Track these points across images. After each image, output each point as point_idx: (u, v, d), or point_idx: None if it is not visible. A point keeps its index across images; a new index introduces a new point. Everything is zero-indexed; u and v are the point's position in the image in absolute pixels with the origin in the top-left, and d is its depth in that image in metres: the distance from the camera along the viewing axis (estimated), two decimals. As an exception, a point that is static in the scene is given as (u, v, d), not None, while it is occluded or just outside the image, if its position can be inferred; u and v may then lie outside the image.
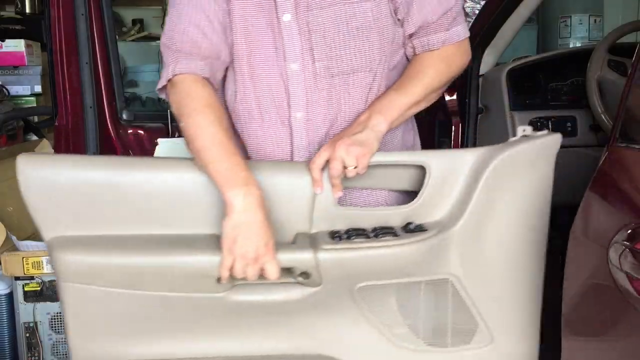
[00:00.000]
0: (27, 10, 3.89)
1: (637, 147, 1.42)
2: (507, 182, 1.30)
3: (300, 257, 1.26)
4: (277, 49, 1.34)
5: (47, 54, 2.09)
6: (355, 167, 1.27)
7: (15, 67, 3.36)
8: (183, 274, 1.29)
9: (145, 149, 2.05)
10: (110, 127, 2.05)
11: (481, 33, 2.32)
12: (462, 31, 1.43)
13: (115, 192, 1.30)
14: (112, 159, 1.42)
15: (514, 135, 2.30)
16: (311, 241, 1.28)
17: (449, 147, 2.42)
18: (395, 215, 1.33)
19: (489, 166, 1.28)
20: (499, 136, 2.34)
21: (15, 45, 3.33)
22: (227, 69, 1.41)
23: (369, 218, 1.33)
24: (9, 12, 4.05)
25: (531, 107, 2.35)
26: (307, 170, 1.31)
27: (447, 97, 2.44)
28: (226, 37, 1.36)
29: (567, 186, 2.21)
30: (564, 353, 1.53)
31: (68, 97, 2.02)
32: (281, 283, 1.30)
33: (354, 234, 1.28)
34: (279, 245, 1.26)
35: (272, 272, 1.24)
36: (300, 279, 1.30)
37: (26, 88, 3.38)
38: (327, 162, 1.29)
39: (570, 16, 4.38)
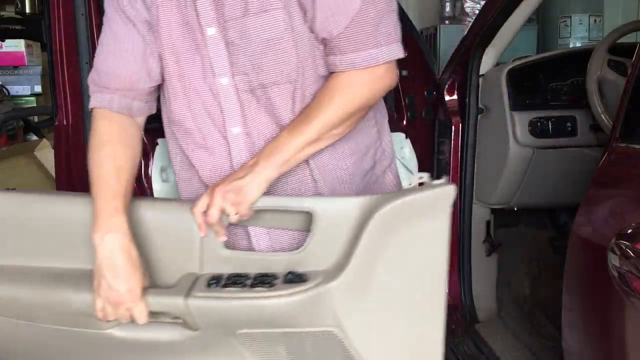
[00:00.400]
0: (27, 10, 3.90)
1: (637, 147, 1.42)
2: (395, 233, 1.21)
3: (171, 303, 1.26)
4: (205, 65, 1.31)
5: (47, 54, 2.09)
6: (237, 213, 1.24)
7: (15, 67, 3.36)
8: (67, 310, 1.32)
9: (144, 150, 2.05)
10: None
11: (481, 33, 2.32)
12: (380, 54, 1.25)
13: (20, 225, 1.37)
14: (18, 195, 1.45)
15: (514, 135, 2.32)
16: (190, 285, 1.27)
17: (448, 147, 2.42)
18: (283, 262, 1.28)
19: (375, 215, 1.19)
20: (499, 136, 2.35)
21: (15, 45, 3.33)
22: (162, 88, 1.40)
23: (256, 263, 1.30)
24: (9, 12, 4.05)
25: (531, 107, 2.35)
26: None
27: (447, 97, 2.44)
28: (147, 64, 1.34)
29: (567, 186, 2.22)
30: (564, 353, 1.53)
31: (68, 97, 2.01)
32: (167, 323, 1.31)
33: (233, 281, 1.25)
34: (153, 289, 1.28)
35: (139, 317, 1.26)
36: (178, 320, 1.29)
37: (26, 88, 3.39)
38: None
39: (570, 16, 4.39)
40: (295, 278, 1.22)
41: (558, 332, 1.52)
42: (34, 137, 3.26)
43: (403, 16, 2.33)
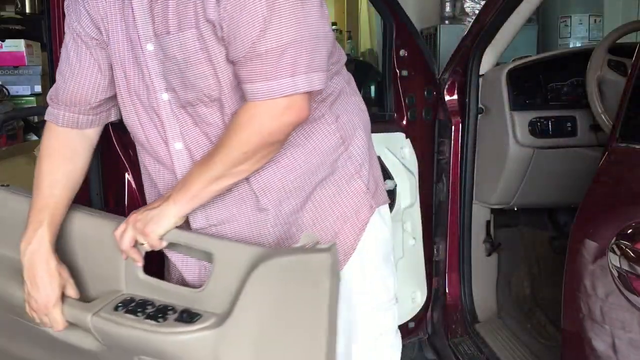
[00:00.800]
0: (27, 10, 3.90)
1: (637, 147, 1.42)
2: (275, 288, 1.19)
3: (80, 317, 1.31)
4: (146, 80, 1.32)
5: (47, 54, 2.09)
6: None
7: (15, 67, 3.36)
8: (15, 302, 1.39)
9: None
10: (109, 127, 2.05)
11: (481, 33, 2.32)
12: (281, 87, 1.17)
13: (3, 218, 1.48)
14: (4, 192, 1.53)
15: (514, 135, 2.32)
16: (104, 304, 1.30)
17: (448, 147, 2.42)
18: (187, 297, 1.28)
19: (258, 268, 1.18)
20: (499, 136, 2.35)
21: (15, 45, 3.33)
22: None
23: (165, 293, 1.31)
24: (9, 12, 4.05)
25: (531, 107, 2.35)
26: None
27: (447, 97, 2.44)
28: (92, 79, 1.38)
29: (567, 186, 2.22)
30: (564, 353, 1.53)
31: (68, 97, 2.02)
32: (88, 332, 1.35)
33: (135, 308, 1.27)
34: (71, 300, 1.34)
35: (53, 324, 1.33)
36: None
37: (26, 88, 3.38)
38: None
39: (570, 16, 4.39)
40: (186, 317, 1.23)
41: (558, 332, 1.53)
42: (34, 137, 3.26)
43: (403, 16, 2.36)
